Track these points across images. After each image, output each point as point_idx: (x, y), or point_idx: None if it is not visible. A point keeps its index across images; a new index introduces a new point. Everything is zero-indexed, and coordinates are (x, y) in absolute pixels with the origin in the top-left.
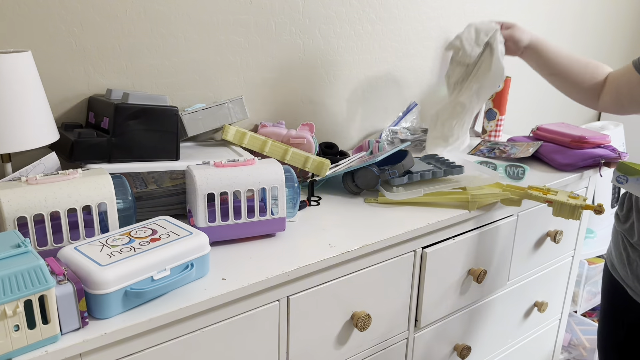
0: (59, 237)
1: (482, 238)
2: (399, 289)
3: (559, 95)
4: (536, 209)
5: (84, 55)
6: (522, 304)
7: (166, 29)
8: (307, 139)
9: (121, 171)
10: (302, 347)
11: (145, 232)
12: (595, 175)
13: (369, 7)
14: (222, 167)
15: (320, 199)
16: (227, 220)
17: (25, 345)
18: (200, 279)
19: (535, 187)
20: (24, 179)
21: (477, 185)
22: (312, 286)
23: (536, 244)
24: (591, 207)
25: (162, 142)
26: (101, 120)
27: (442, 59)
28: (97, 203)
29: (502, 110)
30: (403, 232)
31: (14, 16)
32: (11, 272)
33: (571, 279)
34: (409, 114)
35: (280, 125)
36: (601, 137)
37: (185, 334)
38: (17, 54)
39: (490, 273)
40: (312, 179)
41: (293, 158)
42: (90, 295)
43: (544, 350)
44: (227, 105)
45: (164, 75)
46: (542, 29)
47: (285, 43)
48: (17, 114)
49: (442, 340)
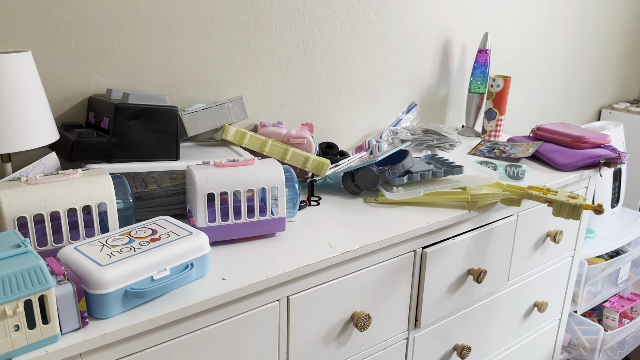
0: (59, 237)
1: (482, 238)
2: (399, 289)
3: (559, 95)
4: (536, 209)
5: (84, 55)
6: (522, 304)
7: (166, 29)
8: (307, 139)
9: (121, 171)
10: (302, 347)
11: (145, 232)
12: (595, 175)
13: (369, 7)
14: (222, 167)
15: (320, 199)
16: (227, 220)
17: (25, 345)
18: (200, 279)
19: (536, 187)
20: (24, 179)
21: (477, 185)
22: (312, 286)
23: (536, 244)
24: (591, 207)
25: (162, 142)
26: (101, 120)
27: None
28: (97, 203)
29: (502, 110)
30: (403, 232)
31: (14, 16)
32: (11, 272)
33: (571, 279)
34: (409, 113)
35: (280, 126)
36: (601, 137)
37: (185, 334)
38: (17, 54)
39: (490, 273)
40: (312, 179)
41: (293, 158)
42: (90, 295)
43: (544, 350)
44: (227, 105)
45: (164, 75)
46: (542, 29)
47: (285, 43)
48: (17, 114)
49: (442, 340)
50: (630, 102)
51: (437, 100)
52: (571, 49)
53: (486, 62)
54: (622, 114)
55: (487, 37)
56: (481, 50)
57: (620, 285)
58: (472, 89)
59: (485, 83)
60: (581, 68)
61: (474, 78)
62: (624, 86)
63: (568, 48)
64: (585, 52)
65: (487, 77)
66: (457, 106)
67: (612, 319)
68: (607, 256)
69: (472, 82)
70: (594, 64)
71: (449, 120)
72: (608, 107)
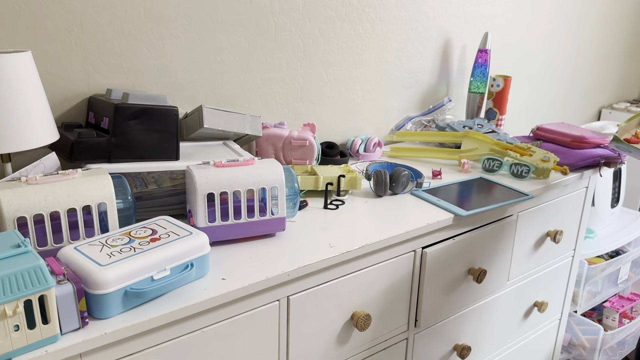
0: (59, 237)
1: (482, 238)
2: (399, 289)
3: (559, 95)
4: (536, 209)
5: (84, 55)
6: (522, 304)
7: (166, 29)
8: (310, 141)
9: (121, 171)
10: (302, 347)
11: (145, 232)
12: (595, 175)
13: (369, 7)
14: (222, 167)
15: (343, 203)
16: (227, 220)
17: (25, 345)
18: (200, 279)
19: (518, 148)
20: (23, 179)
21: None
22: (312, 286)
23: (536, 244)
24: (558, 169)
25: (162, 142)
26: (101, 120)
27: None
28: (97, 203)
29: (502, 110)
30: (403, 232)
31: (14, 16)
32: (11, 272)
33: (571, 279)
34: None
35: (281, 127)
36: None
37: (185, 334)
38: (17, 54)
39: (490, 273)
40: (327, 183)
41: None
42: (90, 295)
43: (544, 350)
44: (247, 117)
45: (164, 75)
46: (542, 29)
47: (285, 43)
48: (17, 114)
49: (442, 340)
50: (630, 102)
51: (437, 100)
52: (571, 49)
53: (486, 62)
54: (622, 114)
55: (487, 37)
56: (481, 50)
57: (620, 285)
58: (472, 89)
59: (485, 83)
60: (581, 68)
61: (474, 78)
62: (624, 86)
63: (568, 48)
64: (585, 52)
65: (487, 77)
66: (457, 106)
67: (612, 319)
68: (607, 256)
69: (472, 82)
70: (594, 64)
71: (449, 121)
72: (608, 107)
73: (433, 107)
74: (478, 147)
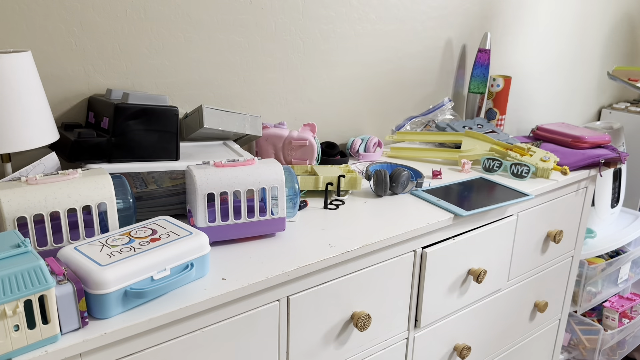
0: (59, 237)
1: (482, 238)
2: (399, 289)
3: (559, 95)
4: (536, 209)
5: (84, 55)
6: (522, 304)
7: (166, 29)
8: (310, 141)
9: (121, 171)
10: (302, 347)
11: (145, 232)
12: (595, 175)
13: (369, 7)
14: (222, 167)
15: (343, 203)
16: (227, 220)
17: (25, 345)
18: (200, 279)
19: (518, 148)
20: (23, 179)
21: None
22: (312, 286)
23: (536, 244)
24: (558, 169)
25: (162, 142)
26: (101, 120)
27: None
28: (97, 203)
29: (502, 110)
30: (403, 232)
31: (14, 16)
32: (11, 272)
33: (571, 279)
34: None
35: (281, 127)
36: (601, 137)
37: (185, 334)
38: (17, 54)
39: (490, 273)
40: (327, 183)
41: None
42: (90, 295)
43: (544, 350)
44: (247, 117)
45: (164, 75)
46: (542, 29)
47: (285, 43)
48: (17, 114)
49: (442, 340)
50: (630, 102)
51: (437, 100)
52: (571, 49)
53: (486, 62)
54: (622, 114)
55: (487, 37)
56: (481, 50)
57: (620, 285)
58: (472, 89)
59: (485, 83)
60: (581, 68)
61: (474, 78)
62: (624, 86)
63: (568, 48)
64: (586, 52)
65: (487, 77)
66: (457, 106)
67: (612, 318)
68: (607, 256)
69: (472, 82)
70: (594, 64)
71: (449, 121)
72: (608, 107)
73: (433, 107)
74: (478, 147)
